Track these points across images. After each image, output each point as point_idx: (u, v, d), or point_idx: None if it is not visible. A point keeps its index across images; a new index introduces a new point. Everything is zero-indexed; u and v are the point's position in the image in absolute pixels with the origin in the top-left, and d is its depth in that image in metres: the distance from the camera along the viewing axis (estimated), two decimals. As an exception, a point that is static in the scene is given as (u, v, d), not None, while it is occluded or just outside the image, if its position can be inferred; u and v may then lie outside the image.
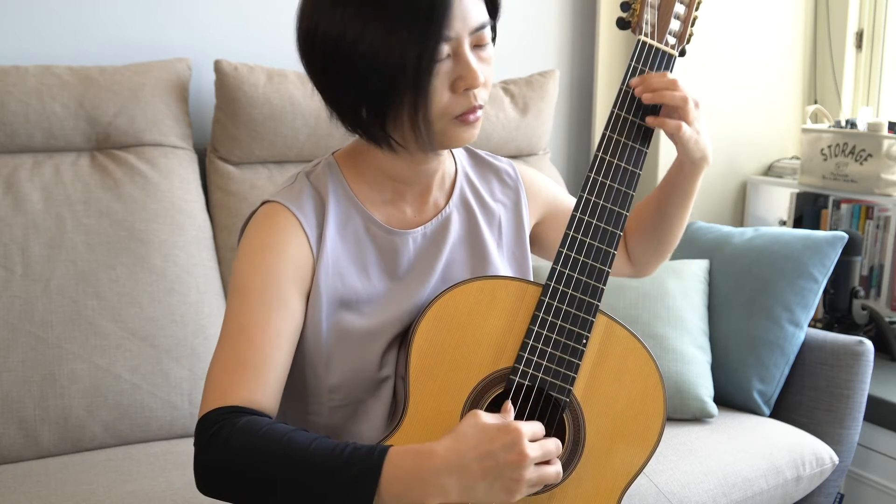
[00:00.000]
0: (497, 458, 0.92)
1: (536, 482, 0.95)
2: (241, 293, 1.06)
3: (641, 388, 1.08)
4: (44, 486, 1.53)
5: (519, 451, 0.92)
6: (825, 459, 1.89)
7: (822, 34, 2.86)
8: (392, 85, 1.00)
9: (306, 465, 0.93)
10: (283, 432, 0.96)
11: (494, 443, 0.92)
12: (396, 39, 0.97)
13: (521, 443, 0.92)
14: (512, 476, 0.92)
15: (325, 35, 1.01)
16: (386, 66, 0.98)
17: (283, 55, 2.16)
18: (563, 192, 1.33)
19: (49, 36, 1.98)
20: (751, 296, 2.03)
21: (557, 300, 1.05)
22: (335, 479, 0.92)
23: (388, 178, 1.13)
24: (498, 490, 0.93)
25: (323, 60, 1.03)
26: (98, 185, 1.83)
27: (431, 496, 0.92)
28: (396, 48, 0.98)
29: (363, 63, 0.99)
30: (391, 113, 1.02)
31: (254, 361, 1.02)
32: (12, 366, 1.66)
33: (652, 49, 1.10)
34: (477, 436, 0.94)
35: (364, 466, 0.92)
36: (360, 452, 0.94)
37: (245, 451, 0.95)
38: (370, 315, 1.10)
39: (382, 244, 1.13)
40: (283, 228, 1.08)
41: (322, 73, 1.05)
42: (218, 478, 0.98)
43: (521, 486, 0.93)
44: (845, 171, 2.50)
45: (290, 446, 0.94)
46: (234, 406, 0.99)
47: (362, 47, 0.99)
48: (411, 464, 0.93)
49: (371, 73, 1.00)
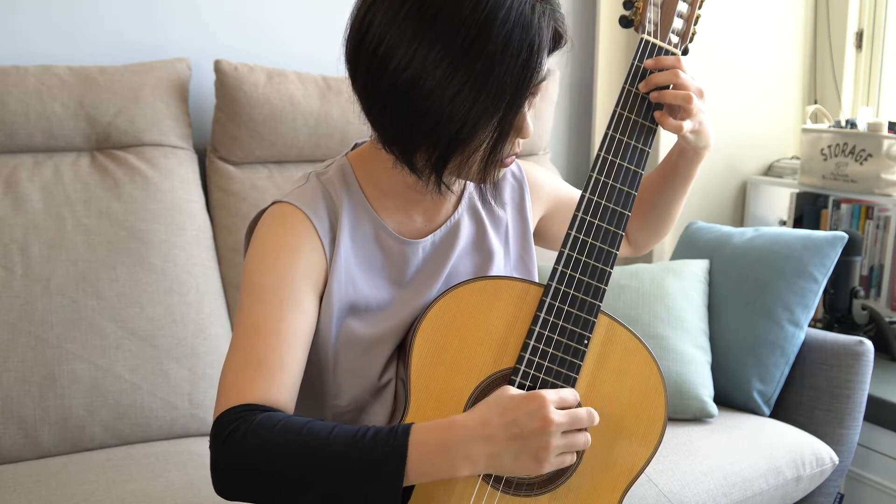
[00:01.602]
0: (522, 425, 0.92)
1: (565, 449, 0.95)
2: (255, 292, 1.04)
3: (643, 389, 1.08)
4: (44, 486, 1.53)
5: (543, 417, 0.92)
6: (825, 459, 1.89)
7: (822, 34, 2.86)
8: (460, 144, 0.99)
9: (329, 455, 0.92)
10: (301, 424, 0.94)
11: (519, 410, 0.93)
12: (478, 106, 0.96)
13: (545, 409, 0.92)
14: (539, 443, 0.92)
15: (399, 71, 0.96)
16: (460, 128, 0.97)
17: (283, 55, 2.18)
18: (566, 185, 1.33)
19: (49, 36, 1.97)
20: (751, 296, 2.03)
21: (559, 300, 1.05)
22: (361, 467, 0.91)
23: (405, 187, 1.11)
24: (526, 458, 0.93)
25: (388, 95, 0.99)
26: (98, 185, 1.82)
27: (459, 467, 0.92)
28: (475, 114, 0.96)
29: (434, 114, 0.97)
30: (449, 162, 1.02)
31: (269, 360, 1.00)
32: (12, 366, 1.65)
33: (655, 48, 1.09)
34: (502, 404, 0.94)
35: (388, 449, 0.91)
36: (382, 435, 0.93)
37: (264, 447, 0.93)
38: (376, 323, 1.10)
39: (392, 253, 1.12)
40: (297, 230, 1.06)
41: (382, 106, 1.00)
42: (237, 478, 0.95)
43: (548, 454, 0.93)
44: (845, 171, 2.50)
45: (310, 437, 0.93)
46: (250, 404, 0.97)
47: (438, 101, 0.96)
48: (436, 438, 0.92)
49: (440, 128, 0.98)
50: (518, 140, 1.05)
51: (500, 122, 0.99)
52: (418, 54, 0.95)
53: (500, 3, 0.95)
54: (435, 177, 1.04)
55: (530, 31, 0.96)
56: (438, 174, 1.03)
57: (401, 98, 0.97)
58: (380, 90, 0.99)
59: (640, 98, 1.09)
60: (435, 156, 1.01)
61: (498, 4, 0.95)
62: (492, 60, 0.95)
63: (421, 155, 1.02)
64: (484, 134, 0.99)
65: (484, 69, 0.95)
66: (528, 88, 0.99)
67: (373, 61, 0.98)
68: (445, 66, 0.95)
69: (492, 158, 1.02)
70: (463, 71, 0.95)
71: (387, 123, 1.02)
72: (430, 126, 0.98)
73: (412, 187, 1.11)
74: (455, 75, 0.95)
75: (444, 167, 1.02)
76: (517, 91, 0.98)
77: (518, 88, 0.98)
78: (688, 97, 1.07)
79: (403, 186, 1.11)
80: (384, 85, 0.98)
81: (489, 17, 0.94)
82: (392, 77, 0.97)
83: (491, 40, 0.95)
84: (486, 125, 0.99)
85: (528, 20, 0.96)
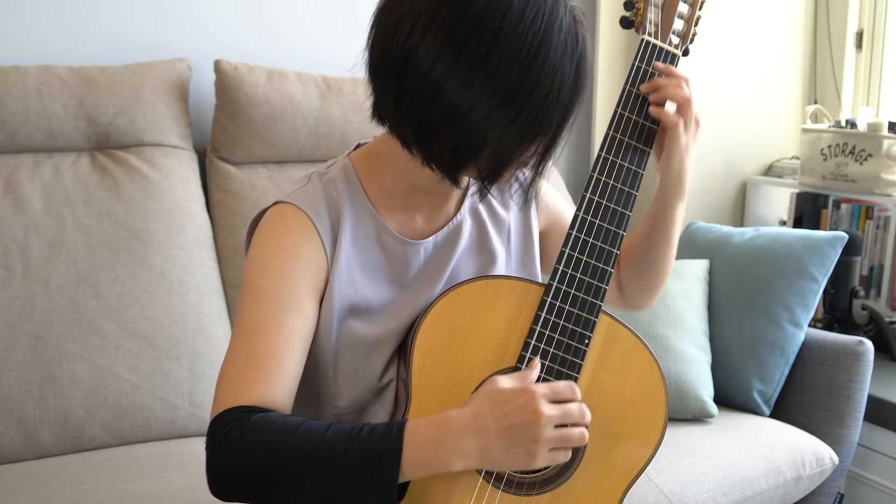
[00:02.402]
0: (512, 418, 0.92)
1: (557, 442, 0.94)
2: (254, 294, 1.04)
3: (643, 389, 1.08)
4: (44, 486, 1.53)
5: (533, 410, 0.92)
6: (825, 459, 1.89)
7: (822, 34, 2.86)
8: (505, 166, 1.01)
9: (325, 453, 0.92)
10: (296, 423, 0.94)
11: (509, 404, 0.93)
12: (517, 131, 0.97)
13: (535, 402, 0.92)
14: (529, 436, 0.92)
15: (451, 99, 0.95)
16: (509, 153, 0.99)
17: (283, 55, 2.18)
18: (567, 207, 1.31)
19: (49, 36, 1.97)
20: (751, 296, 2.03)
21: (560, 299, 1.05)
22: (357, 464, 0.92)
23: (412, 189, 1.11)
24: (517, 451, 0.93)
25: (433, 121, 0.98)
26: (98, 185, 1.82)
27: (453, 461, 0.93)
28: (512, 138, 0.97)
29: (468, 130, 0.97)
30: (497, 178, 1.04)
31: (268, 363, 1.00)
32: (12, 366, 1.65)
33: (656, 49, 1.09)
34: (493, 398, 0.94)
35: (384, 445, 0.92)
36: (378, 432, 0.93)
37: (260, 446, 0.93)
38: (377, 324, 1.09)
39: (393, 254, 1.11)
40: (298, 232, 1.06)
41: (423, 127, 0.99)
42: (233, 479, 0.95)
43: (539, 447, 0.92)
44: (845, 171, 2.50)
45: (305, 436, 0.93)
46: (247, 406, 0.97)
47: (476, 120, 0.96)
48: (430, 433, 0.93)
49: (488, 154, 0.99)
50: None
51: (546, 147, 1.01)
52: (473, 87, 0.95)
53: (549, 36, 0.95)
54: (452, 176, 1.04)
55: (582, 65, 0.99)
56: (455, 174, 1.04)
57: (448, 124, 0.97)
58: (423, 114, 0.98)
59: (642, 99, 1.09)
60: (484, 172, 1.02)
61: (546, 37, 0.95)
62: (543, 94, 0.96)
63: (467, 172, 1.04)
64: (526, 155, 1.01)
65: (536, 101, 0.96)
66: (570, 118, 1.00)
67: (422, 87, 0.96)
68: (499, 98, 0.95)
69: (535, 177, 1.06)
70: (515, 103, 0.95)
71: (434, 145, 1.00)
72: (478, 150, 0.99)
73: (417, 188, 1.10)
74: (507, 108, 0.95)
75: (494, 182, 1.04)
76: (562, 122, 1.00)
77: (563, 119, 0.99)
78: (687, 98, 1.07)
79: (408, 188, 1.11)
80: (432, 110, 0.97)
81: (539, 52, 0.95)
82: (443, 106, 0.96)
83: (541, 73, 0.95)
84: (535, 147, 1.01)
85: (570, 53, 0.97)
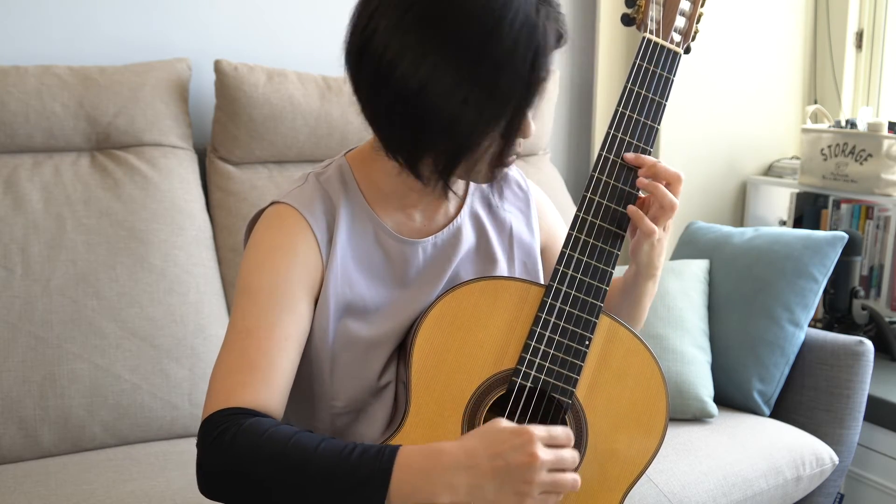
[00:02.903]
0: (507, 458, 0.91)
1: (549, 488, 0.93)
2: (249, 295, 1.04)
3: (644, 390, 1.08)
4: (44, 486, 1.53)
5: (529, 453, 0.91)
6: (825, 459, 1.89)
7: (822, 34, 2.86)
8: (468, 149, 1.00)
9: (314, 467, 0.92)
10: (289, 434, 0.94)
11: (505, 444, 0.92)
12: (487, 111, 0.97)
13: (531, 444, 0.91)
14: (522, 478, 0.91)
15: (405, 80, 0.96)
16: (470, 134, 0.98)
17: (283, 55, 2.17)
18: (564, 227, 1.29)
19: (49, 36, 1.97)
20: (751, 296, 2.03)
21: (560, 301, 1.05)
22: (344, 482, 0.91)
23: (404, 187, 1.11)
24: (508, 492, 0.91)
25: (394, 103, 0.99)
26: (98, 185, 1.82)
27: (440, 495, 0.92)
28: (486, 117, 0.97)
29: (442, 121, 0.97)
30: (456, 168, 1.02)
31: (261, 364, 1.00)
32: (12, 366, 1.65)
33: (657, 47, 1.09)
34: (489, 436, 0.93)
35: (374, 468, 0.91)
36: (370, 454, 0.93)
37: (250, 452, 0.93)
38: (376, 324, 1.09)
39: (392, 252, 1.11)
40: (293, 231, 1.06)
41: (387, 113, 1.01)
42: (222, 480, 0.96)
43: (531, 490, 0.92)
44: (845, 171, 2.50)
45: (297, 448, 0.93)
46: (239, 407, 0.97)
47: (446, 108, 0.96)
48: (421, 462, 0.92)
49: (447, 134, 0.98)
50: (519, 140, 1.05)
51: (508, 125, 0.99)
52: (425, 62, 0.95)
53: (506, 9, 0.95)
54: (442, 183, 1.04)
55: (535, 34, 0.97)
56: (445, 180, 1.04)
57: (407, 106, 0.97)
58: (385, 98, 0.99)
59: (643, 98, 1.08)
60: (442, 163, 1.01)
61: (503, 10, 0.95)
62: (499, 65, 0.95)
63: (427, 162, 1.03)
64: (491, 138, 1.00)
65: (491, 74, 0.95)
66: (535, 91, 0.99)
67: (378, 69, 0.98)
68: (453, 72, 0.95)
69: (498, 161, 1.03)
70: (470, 77, 0.95)
71: (393, 131, 1.02)
72: (438, 133, 0.98)
73: (413, 189, 1.10)
74: (462, 82, 0.95)
75: (451, 173, 1.03)
76: (525, 94, 0.98)
77: (526, 91, 0.98)
78: (673, 203, 1.06)
79: (404, 188, 1.11)
80: (390, 93, 0.98)
81: (495, 22, 0.95)
82: (398, 85, 0.97)
83: (498, 45, 0.95)
84: (493, 129, 0.99)
85: (533, 23, 0.96)
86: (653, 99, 1.08)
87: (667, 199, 1.06)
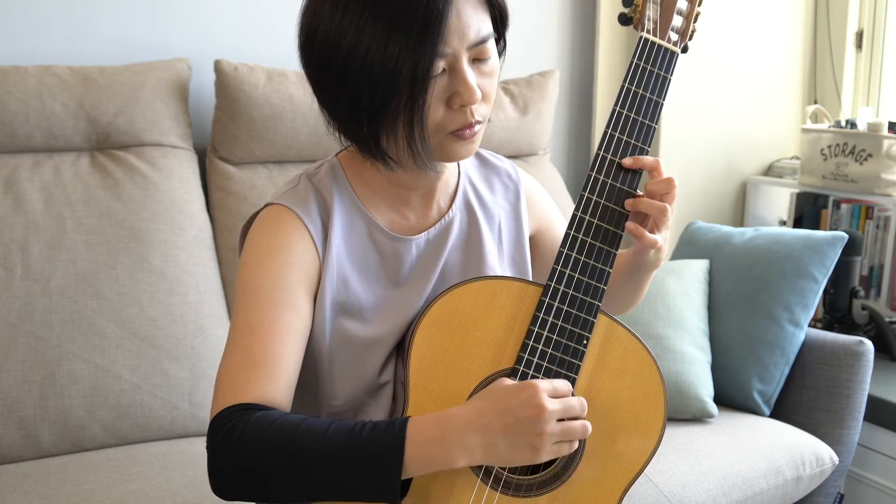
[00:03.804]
0: (516, 413, 0.93)
1: (561, 436, 0.95)
2: (249, 294, 1.04)
3: (642, 389, 1.08)
4: (44, 486, 1.53)
5: (536, 405, 0.93)
6: (825, 459, 1.89)
7: (822, 34, 2.86)
8: (386, 99, 0.98)
9: (327, 451, 0.93)
10: (298, 421, 0.95)
11: (513, 399, 0.94)
12: (391, 53, 0.96)
13: (538, 396, 0.93)
14: (533, 430, 0.93)
15: (323, 41, 1.00)
16: (380, 80, 0.97)
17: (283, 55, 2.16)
18: (560, 218, 1.29)
19: (49, 36, 1.97)
20: (751, 296, 2.03)
21: (558, 300, 1.05)
22: (359, 461, 0.92)
23: (393, 184, 1.11)
24: (521, 447, 0.93)
25: (319, 68, 1.02)
26: (98, 185, 1.82)
27: (456, 458, 0.93)
28: (390, 62, 0.96)
29: (357, 74, 0.98)
30: (385, 128, 1.01)
31: (265, 360, 1.00)
32: (12, 366, 1.65)
33: (654, 46, 1.09)
34: (496, 394, 0.95)
35: (386, 442, 0.92)
36: (380, 429, 0.93)
37: (261, 445, 0.93)
38: (372, 323, 1.10)
39: (385, 251, 1.12)
40: (289, 231, 1.07)
41: (318, 80, 1.04)
42: (236, 478, 0.95)
43: (543, 441, 0.93)
44: (845, 171, 2.50)
45: (307, 434, 0.93)
46: (247, 403, 0.97)
47: (357, 57, 0.97)
48: (433, 430, 0.93)
49: (365, 85, 0.98)
50: (470, 108, 1.02)
51: (412, 78, 0.97)
52: (335, 21, 0.98)
53: None
54: (375, 146, 1.03)
55: None
56: (376, 141, 1.03)
57: (326, 67, 1.00)
58: (313, 68, 1.03)
59: (641, 97, 1.08)
60: (368, 123, 1.01)
61: None
62: (396, 16, 0.95)
63: (357, 126, 1.03)
64: (402, 93, 0.97)
65: (389, 25, 0.95)
66: (435, 41, 0.96)
67: (307, 44, 1.02)
68: (356, 28, 0.96)
69: (418, 117, 0.99)
70: (370, 30, 0.96)
71: (327, 103, 1.05)
72: (355, 88, 0.99)
73: (398, 182, 1.11)
74: (364, 33, 0.96)
75: (378, 134, 1.02)
76: (423, 44, 0.96)
77: (423, 40, 0.96)
78: (663, 209, 1.05)
79: (391, 183, 1.11)
80: (315, 61, 1.02)
81: None
82: (319, 51, 1.00)
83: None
84: (402, 83, 0.97)
85: None
86: (650, 98, 1.08)
87: (654, 208, 1.05)
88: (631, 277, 1.20)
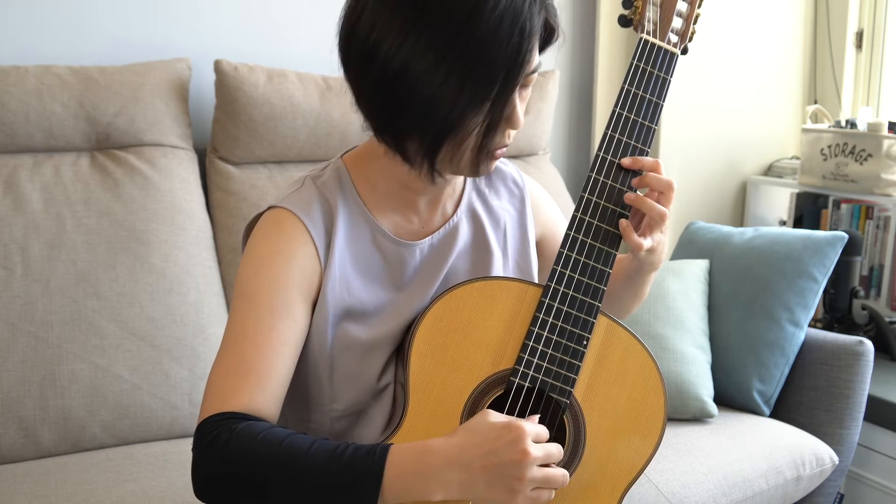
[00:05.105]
0: (499, 455, 0.92)
1: (540, 483, 0.94)
2: (246, 299, 1.04)
3: (642, 390, 1.08)
4: (44, 486, 1.53)
5: (521, 450, 0.91)
6: (825, 459, 1.89)
7: (822, 34, 2.86)
8: (450, 130, 0.99)
9: (307, 469, 0.93)
10: (282, 436, 0.95)
11: (498, 440, 0.92)
12: (467, 92, 0.96)
13: (523, 441, 0.92)
14: (514, 474, 0.92)
15: (388, 58, 0.97)
16: (449, 114, 0.97)
17: (283, 55, 2.17)
18: (563, 221, 1.29)
19: (49, 36, 1.97)
20: (751, 296, 2.03)
21: (558, 301, 1.05)
22: (337, 483, 0.92)
23: (402, 188, 1.11)
24: (500, 488, 0.92)
25: (379, 82, 0.99)
26: (98, 185, 1.82)
27: (433, 492, 0.92)
28: (464, 100, 0.96)
29: (424, 101, 0.97)
30: (441, 149, 1.01)
31: (257, 368, 1.00)
32: (12, 366, 1.65)
33: (654, 47, 1.09)
34: (481, 433, 0.93)
35: (366, 467, 0.92)
36: (361, 453, 0.93)
37: (244, 456, 0.93)
38: (374, 326, 1.09)
39: (389, 255, 1.11)
40: (291, 236, 1.06)
41: (373, 93, 1.01)
42: (217, 484, 0.96)
43: (523, 486, 0.92)
44: (845, 171, 2.50)
45: (289, 450, 0.93)
46: (234, 412, 0.98)
47: (428, 87, 0.96)
48: (413, 461, 0.93)
49: (430, 114, 0.98)
50: (509, 132, 1.04)
51: (491, 110, 0.98)
52: (408, 41, 0.95)
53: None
54: (427, 165, 1.03)
55: (520, 17, 0.96)
56: (431, 161, 1.03)
57: (390, 85, 0.98)
58: (370, 78, 1.00)
59: (640, 98, 1.08)
60: (426, 143, 1.01)
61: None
62: (481, 46, 0.95)
63: (412, 142, 1.02)
64: (474, 122, 0.99)
65: (473, 55, 0.95)
66: (518, 76, 0.98)
67: (363, 50, 0.99)
68: (434, 52, 0.95)
69: (482, 148, 1.02)
70: (451, 57, 0.95)
71: (378, 111, 1.03)
72: (420, 112, 0.98)
73: (406, 186, 1.11)
74: (443, 62, 0.95)
75: (436, 154, 1.02)
76: (507, 78, 0.97)
77: (508, 76, 0.97)
78: (662, 214, 1.06)
79: (398, 186, 1.11)
80: (374, 72, 0.98)
81: (477, 3, 0.95)
82: (382, 64, 0.97)
83: (480, 26, 0.95)
84: (475, 112, 0.98)
85: (518, 7, 0.96)
86: (650, 100, 1.08)
87: (655, 211, 1.05)
88: (630, 280, 1.20)
